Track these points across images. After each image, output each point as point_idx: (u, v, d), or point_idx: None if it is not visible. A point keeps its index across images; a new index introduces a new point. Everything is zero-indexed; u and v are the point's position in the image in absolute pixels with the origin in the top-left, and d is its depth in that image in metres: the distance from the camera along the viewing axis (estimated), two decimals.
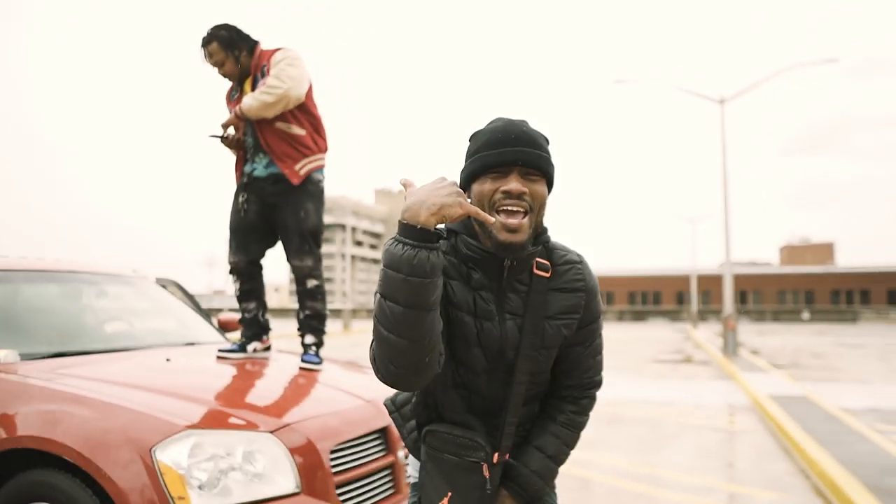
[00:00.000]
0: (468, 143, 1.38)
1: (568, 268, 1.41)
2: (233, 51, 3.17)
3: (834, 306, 56.22)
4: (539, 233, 1.38)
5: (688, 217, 43.53)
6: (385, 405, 1.58)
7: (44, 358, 2.52)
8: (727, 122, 18.14)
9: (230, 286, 3.39)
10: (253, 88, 3.18)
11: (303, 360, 3.08)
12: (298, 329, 3.27)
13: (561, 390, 1.49)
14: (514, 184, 1.28)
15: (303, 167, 3.18)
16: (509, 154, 1.29)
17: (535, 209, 1.32)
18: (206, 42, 3.19)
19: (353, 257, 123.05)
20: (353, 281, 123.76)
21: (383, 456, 2.40)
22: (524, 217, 1.30)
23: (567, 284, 1.40)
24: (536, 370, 1.40)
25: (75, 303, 3.08)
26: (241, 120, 3.12)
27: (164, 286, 3.91)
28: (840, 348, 18.92)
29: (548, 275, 1.39)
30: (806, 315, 47.64)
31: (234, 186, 3.33)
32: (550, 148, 1.37)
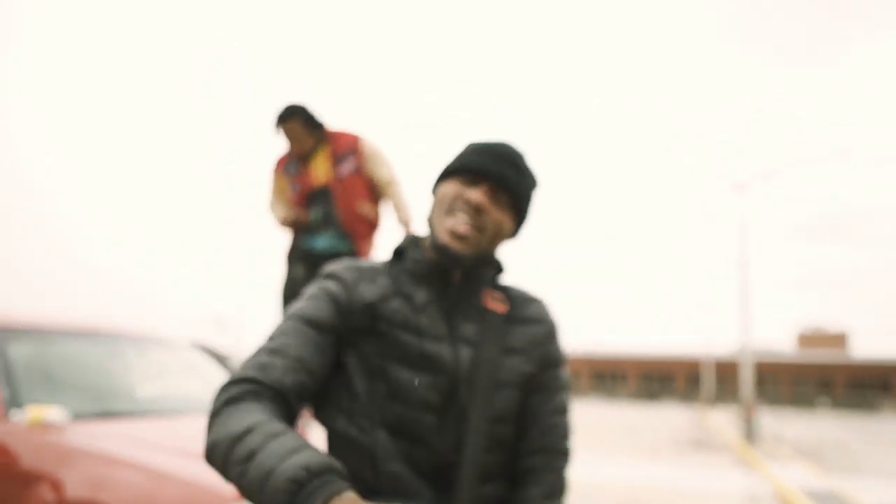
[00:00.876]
0: (465, 147, 1.26)
1: (526, 301, 1.27)
2: (312, 130, 3.30)
3: (852, 396, 54.88)
4: (490, 261, 1.24)
5: (701, 299, 43.28)
6: None
7: (92, 418, 2.51)
8: (745, 209, 18.28)
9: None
10: (334, 169, 3.31)
11: None
12: None
13: (521, 461, 1.18)
14: (477, 193, 1.15)
15: (371, 245, 3.40)
16: (487, 164, 1.16)
17: (488, 234, 1.17)
18: (285, 118, 3.28)
19: None
20: None
21: None
22: (475, 231, 1.16)
23: (527, 315, 1.24)
24: (497, 416, 1.13)
25: (120, 363, 3.09)
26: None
27: (198, 349, 3.91)
28: (864, 440, 18.34)
29: (503, 308, 1.22)
30: (824, 404, 46.51)
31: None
32: (536, 193, 1.24)
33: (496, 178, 1.16)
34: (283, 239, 3.48)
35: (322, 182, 3.30)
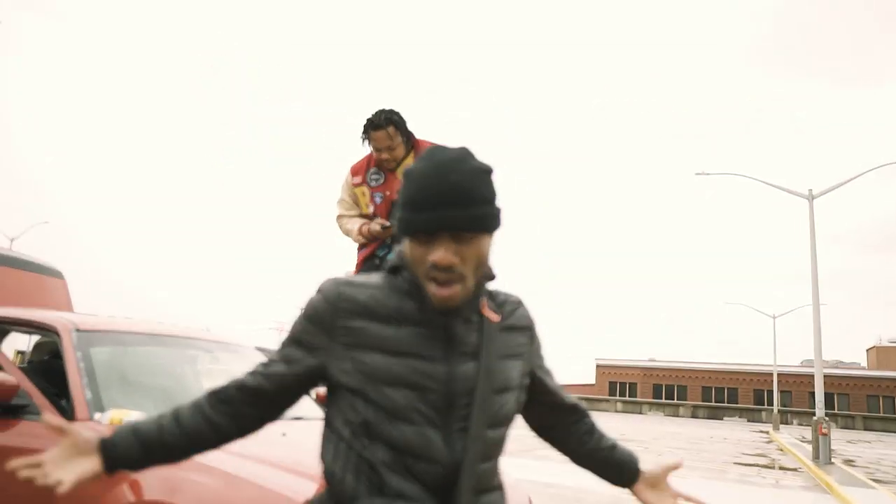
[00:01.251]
0: (403, 181, 1.20)
1: (514, 307, 1.32)
2: (406, 136, 3.18)
3: None
4: (486, 276, 1.24)
5: (768, 312, 41.58)
6: None
7: None
8: (815, 217, 17.50)
9: None
10: None
11: None
12: None
13: (560, 408, 1.45)
14: (440, 253, 1.12)
15: None
16: (433, 221, 1.12)
17: (471, 270, 1.16)
18: (380, 125, 3.12)
19: None
20: None
21: None
22: (457, 284, 1.15)
23: (516, 322, 1.30)
24: (496, 421, 1.20)
25: (193, 369, 3.18)
26: None
27: (263, 353, 3.99)
28: None
29: (498, 318, 1.26)
30: None
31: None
32: (493, 181, 1.18)
33: (451, 228, 1.12)
34: (352, 247, 3.45)
35: None
